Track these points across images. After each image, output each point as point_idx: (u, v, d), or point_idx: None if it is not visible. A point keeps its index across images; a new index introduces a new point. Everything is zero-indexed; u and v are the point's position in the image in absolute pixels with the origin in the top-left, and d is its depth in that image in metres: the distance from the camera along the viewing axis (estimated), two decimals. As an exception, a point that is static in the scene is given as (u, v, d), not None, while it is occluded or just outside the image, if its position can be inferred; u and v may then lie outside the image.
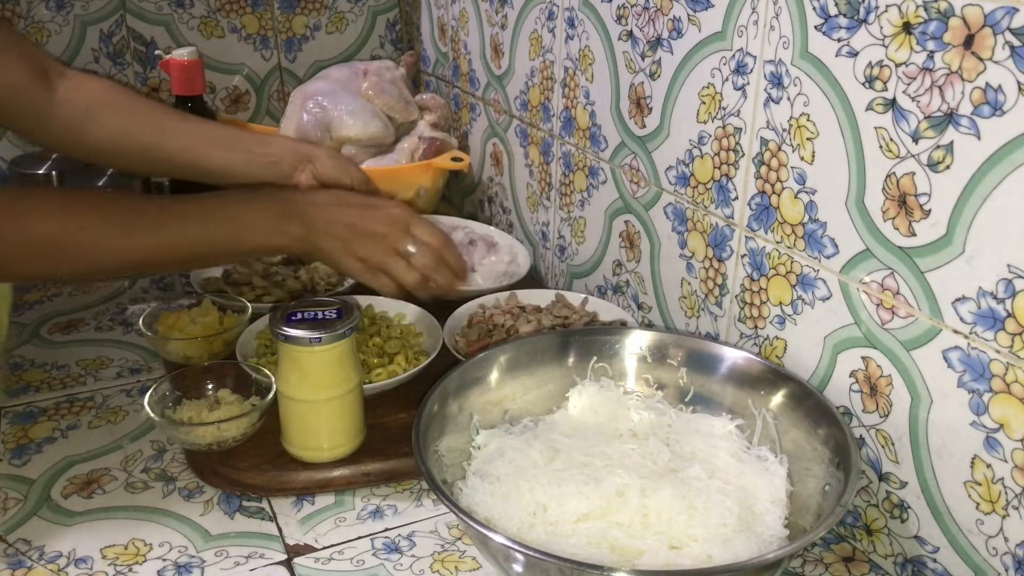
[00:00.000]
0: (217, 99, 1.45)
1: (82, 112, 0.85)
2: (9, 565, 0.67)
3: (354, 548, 0.70)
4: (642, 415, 0.76)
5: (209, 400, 0.81)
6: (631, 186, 0.94)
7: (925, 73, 0.58)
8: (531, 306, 0.99)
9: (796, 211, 0.72)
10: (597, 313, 0.97)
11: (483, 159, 1.31)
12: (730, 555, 0.60)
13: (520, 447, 0.70)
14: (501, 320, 0.95)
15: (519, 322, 0.93)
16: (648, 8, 0.86)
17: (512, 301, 1.00)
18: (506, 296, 1.01)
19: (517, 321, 0.94)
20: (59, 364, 0.95)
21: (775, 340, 0.77)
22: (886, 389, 0.66)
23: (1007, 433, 0.57)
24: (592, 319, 0.96)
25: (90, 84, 0.88)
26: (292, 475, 0.76)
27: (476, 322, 0.95)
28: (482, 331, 0.93)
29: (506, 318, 0.95)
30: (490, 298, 1.00)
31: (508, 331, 0.93)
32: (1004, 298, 0.56)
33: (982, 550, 0.61)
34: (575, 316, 0.96)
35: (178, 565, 0.67)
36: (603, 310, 0.98)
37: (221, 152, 0.87)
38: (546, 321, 0.94)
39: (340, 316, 0.74)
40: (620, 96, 0.93)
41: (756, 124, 0.74)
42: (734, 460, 0.70)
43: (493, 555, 0.61)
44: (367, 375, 0.85)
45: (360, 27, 1.52)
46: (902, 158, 0.61)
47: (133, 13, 1.36)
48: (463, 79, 1.33)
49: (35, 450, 0.81)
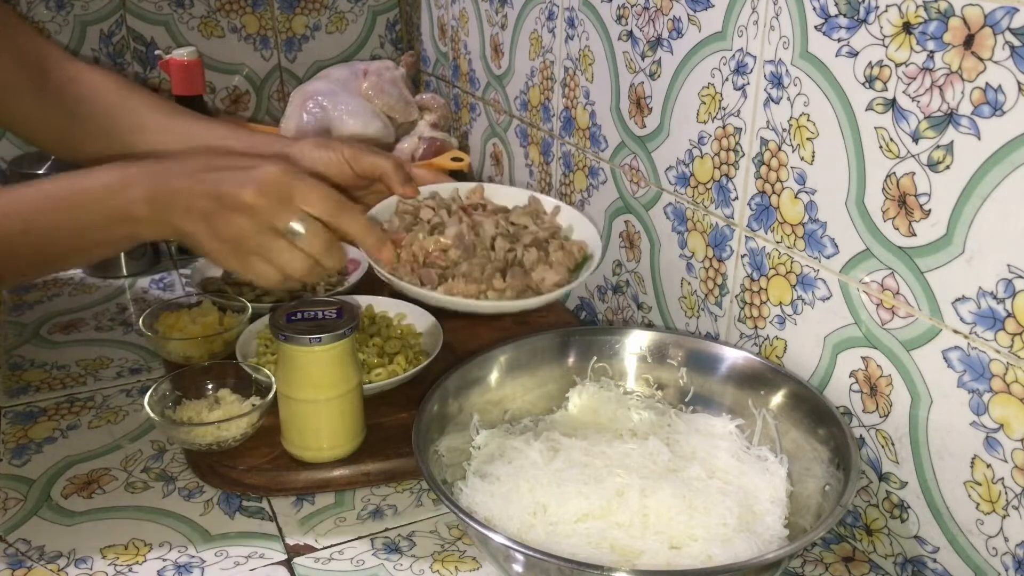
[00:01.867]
0: (217, 99, 1.45)
1: (67, 113, 0.81)
2: (9, 565, 0.67)
3: (354, 548, 0.70)
4: (642, 415, 0.76)
5: (209, 400, 0.81)
6: (631, 186, 0.94)
7: (925, 73, 0.58)
8: (494, 206, 0.84)
9: (796, 211, 0.72)
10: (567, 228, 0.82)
11: (483, 159, 1.31)
12: (730, 555, 0.60)
13: (520, 447, 0.70)
14: (428, 215, 0.78)
15: (450, 222, 0.76)
16: (648, 8, 0.86)
17: (475, 195, 0.84)
18: (469, 188, 0.84)
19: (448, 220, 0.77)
20: (59, 364, 0.95)
21: (775, 340, 0.77)
22: (886, 389, 0.66)
23: (1007, 433, 0.57)
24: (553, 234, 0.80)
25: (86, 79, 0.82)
26: (292, 475, 0.76)
27: (402, 211, 0.79)
28: (404, 224, 0.78)
29: (439, 214, 0.78)
30: (449, 187, 0.84)
31: (433, 230, 0.76)
32: (1004, 298, 0.56)
33: (982, 550, 0.61)
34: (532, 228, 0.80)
35: (178, 565, 0.67)
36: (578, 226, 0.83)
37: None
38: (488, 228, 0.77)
39: (340, 316, 0.74)
40: (620, 96, 0.93)
41: (756, 124, 0.74)
42: (734, 460, 0.70)
43: (493, 555, 0.61)
44: (367, 375, 0.85)
45: (360, 27, 1.52)
46: (902, 158, 0.61)
47: (133, 13, 1.36)
48: (463, 79, 1.33)
49: (35, 450, 0.81)
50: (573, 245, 0.79)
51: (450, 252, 0.74)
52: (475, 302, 0.71)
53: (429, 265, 0.74)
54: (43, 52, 0.81)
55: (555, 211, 0.84)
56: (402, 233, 0.76)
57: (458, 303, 0.71)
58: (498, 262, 0.75)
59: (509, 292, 0.72)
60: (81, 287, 1.13)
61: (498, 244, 0.77)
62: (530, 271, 0.75)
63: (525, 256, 0.76)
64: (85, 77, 0.82)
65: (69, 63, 0.82)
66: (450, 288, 0.71)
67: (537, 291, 0.74)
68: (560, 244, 0.79)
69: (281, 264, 0.67)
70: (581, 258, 0.78)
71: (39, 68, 0.80)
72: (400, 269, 0.73)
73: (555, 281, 0.75)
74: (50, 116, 0.80)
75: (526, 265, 0.75)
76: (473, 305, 0.71)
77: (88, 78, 0.82)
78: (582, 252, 0.79)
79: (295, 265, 0.67)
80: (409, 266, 0.74)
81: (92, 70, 0.84)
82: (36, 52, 0.81)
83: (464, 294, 0.71)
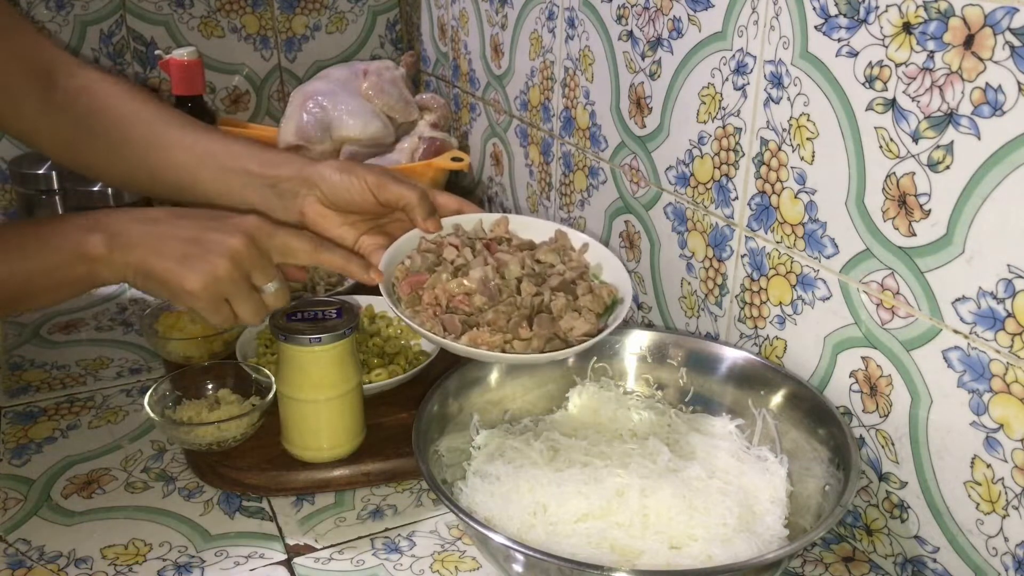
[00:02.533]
0: (217, 99, 1.45)
1: (75, 123, 0.78)
2: (9, 565, 0.67)
3: (354, 548, 0.70)
4: (642, 415, 0.76)
5: (209, 400, 0.81)
6: (631, 186, 0.94)
7: (925, 73, 0.58)
8: (519, 240, 0.80)
9: (796, 211, 0.72)
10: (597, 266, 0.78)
11: (483, 159, 1.32)
12: (730, 555, 0.60)
13: (520, 447, 0.70)
14: (452, 255, 0.75)
15: (474, 262, 0.73)
16: (648, 8, 0.86)
17: (499, 228, 0.80)
18: (494, 220, 0.81)
19: (473, 260, 0.74)
20: (59, 364, 0.95)
21: (775, 340, 0.77)
22: (886, 389, 0.66)
23: (1007, 433, 0.57)
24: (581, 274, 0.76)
25: (96, 88, 0.79)
26: (292, 475, 0.76)
27: (425, 250, 0.76)
28: (426, 263, 0.74)
29: (463, 253, 0.75)
30: (473, 219, 0.80)
31: (455, 271, 0.73)
32: (1004, 298, 0.56)
33: (982, 550, 0.61)
34: (559, 268, 0.76)
35: (178, 565, 0.67)
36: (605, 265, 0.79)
37: (213, 173, 0.77)
38: (514, 268, 0.74)
39: (340, 316, 0.74)
40: (620, 96, 0.93)
41: (756, 124, 0.74)
42: (734, 460, 0.70)
43: (493, 555, 0.61)
44: (367, 375, 0.85)
45: (360, 27, 1.52)
46: (902, 158, 0.61)
47: (133, 13, 1.36)
48: (463, 79, 1.33)
49: (35, 450, 0.81)
50: (603, 289, 0.75)
51: (475, 298, 0.71)
52: (501, 355, 0.68)
53: (452, 310, 0.71)
54: (52, 59, 0.79)
55: (583, 248, 0.79)
56: (424, 274, 0.73)
57: (482, 355, 0.68)
58: (524, 309, 0.71)
59: (536, 342, 0.69)
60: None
61: (524, 288, 0.73)
62: (557, 319, 0.71)
63: (553, 302, 0.72)
64: (97, 87, 0.79)
65: (81, 71, 0.80)
66: (474, 338, 0.68)
67: (565, 340, 0.70)
68: (588, 287, 0.75)
69: (243, 312, 0.68)
70: (611, 301, 0.75)
71: (47, 76, 0.78)
72: (422, 314, 0.71)
73: (585, 331, 0.71)
74: (57, 125, 0.78)
75: (553, 312, 0.72)
76: (498, 357, 0.68)
77: (100, 88, 0.79)
78: (612, 296, 0.75)
79: (253, 315, 0.69)
80: (432, 310, 0.71)
81: (105, 79, 0.81)
82: (45, 59, 0.78)
83: (489, 345, 0.68)
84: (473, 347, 0.68)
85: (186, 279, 0.65)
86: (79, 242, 0.65)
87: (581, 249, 0.80)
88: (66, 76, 0.78)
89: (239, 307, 0.68)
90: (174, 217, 0.69)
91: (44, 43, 0.80)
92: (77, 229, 0.66)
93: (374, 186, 0.75)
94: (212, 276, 0.66)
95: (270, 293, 0.69)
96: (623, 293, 0.75)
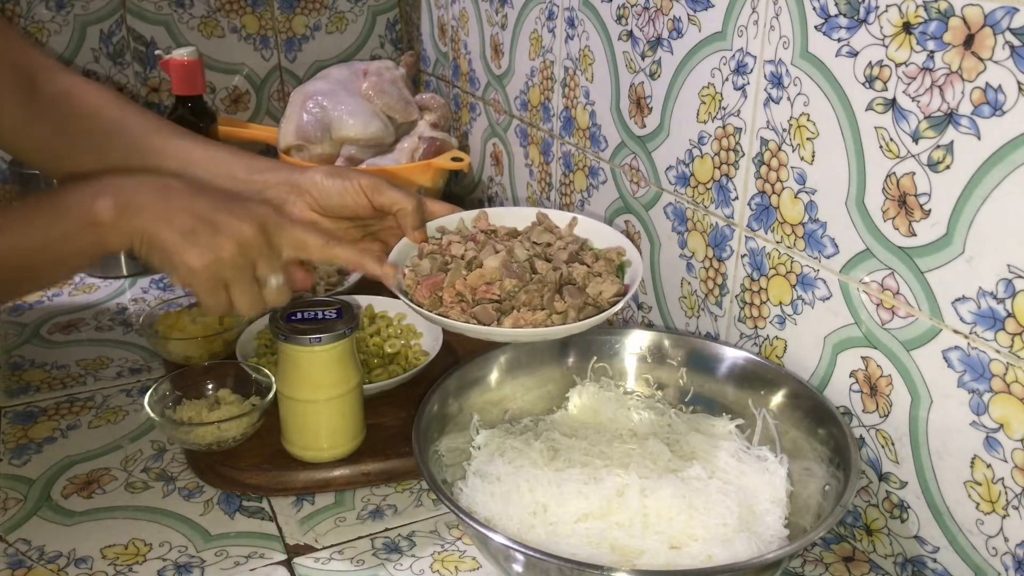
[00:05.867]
0: (217, 99, 1.45)
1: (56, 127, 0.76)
2: (9, 565, 0.67)
3: (354, 548, 0.70)
4: (642, 415, 0.76)
5: (209, 400, 0.81)
6: (631, 186, 0.94)
7: (925, 73, 0.58)
8: (504, 229, 0.80)
9: (796, 211, 0.72)
10: (590, 240, 0.79)
11: (483, 159, 1.32)
12: (730, 555, 0.60)
13: (520, 447, 0.70)
14: (460, 251, 0.75)
15: (484, 253, 0.74)
16: (648, 8, 0.86)
17: (481, 222, 0.80)
18: (473, 216, 0.81)
19: (481, 252, 0.74)
20: (59, 364, 0.95)
21: (775, 340, 0.77)
22: (886, 389, 0.66)
23: (1007, 433, 0.57)
24: (581, 246, 0.78)
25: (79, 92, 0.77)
26: (292, 475, 0.76)
27: (429, 252, 0.76)
28: (436, 264, 0.74)
29: (468, 247, 0.75)
30: (452, 219, 0.80)
31: (469, 265, 0.73)
32: (1004, 298, 0.56)
33: (982, 550, 0.61)
34: (558, 244, 0.77)
35: (178, 565, 0.67)
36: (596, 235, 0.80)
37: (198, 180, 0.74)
38: (520, 252, 0.74)
39: (340, 316, 0.74)
40: (620, 96, 0.93)
41: (756, 124, 0.74)
42: (734, 460, 0.70)
43: (493, 555, 0.61)
44: (367, 375, 0.85)
45: (360, 27, 1.52)
46: (902, 158, 0.61)
47: (133, 13, 1.36)
48: (463, 79, 1.33)
49: (35, 450, 0.81)
50: (610, 252, 0.77)
51: (505, 283, 0.71)
52: (545, 330, 0.68)
53: (479, 302, 0.70)
54: (33, 63, 0.77)
55: (572, 223, 0.80)
56: (439, 275, 0.72)
57: (528, 334, 0.68)
58: (551, 284, 0.71)
59: (572, 312, 0.69)
60: (81, 287, 1.13)
61: (540, 266, 0.73)
62: (583, 287, 0.72)
63: (574, 272, 0.73)
64: (78, 91, 0.78)
65: (62, 75, 0.78)
66: (517, 321, 0.68)
67: (596, 305, 0.71)
68: (595, 254, 0.76)
69: (240, 301, 0.67)
70: (619, 262, 0.76)
71: (27, 79, 0.76)
72: (451, 312, 0.70)
73: (615, 292, 0.71)
74: (37, 129, 0.76)
75: (578, 281, 0.72)
76: (545, 332, 0.68)
77: (82, 92, 0.78)
78: (620, 257, 0.76)
79: (249, 306, 0.67)
80: (458, 307, 0.71)
81: (87, 84, 0.79)
82: (24, 62, 0.76)
83: (533, 323, 0.68)
84: (518, 329, 0.67)
85: (188, 254, 0.63)
86: (88, 208, 0.63)
87: (570, 224, 0.81)
88: (47, 80, 0.77)
89: (237, 295, 0.66)
90: (191, 192, 0.66)
91: (26, 47, 0.78)
92: (85, 195, 0.64)
93: (368, 189, 0.75)
94: (215, 256, 0.64)
95: (271, 288, 0.68)
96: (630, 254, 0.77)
